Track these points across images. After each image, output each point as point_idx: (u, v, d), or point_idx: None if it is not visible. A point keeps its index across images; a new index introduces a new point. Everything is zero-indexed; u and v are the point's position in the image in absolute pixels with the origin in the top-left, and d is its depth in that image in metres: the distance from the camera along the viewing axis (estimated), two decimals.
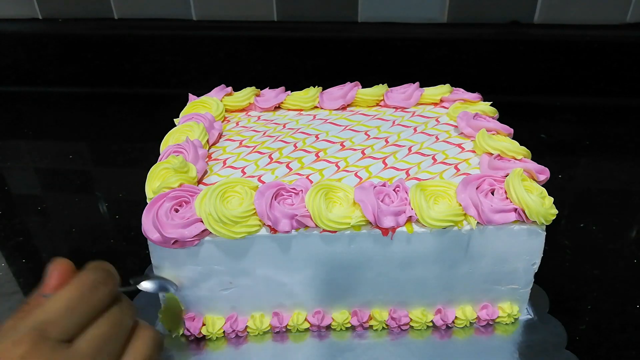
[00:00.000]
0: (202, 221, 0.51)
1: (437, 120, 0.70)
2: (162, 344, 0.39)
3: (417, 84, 0.75)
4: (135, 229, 0.63)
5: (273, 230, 0.52)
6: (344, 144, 0.65)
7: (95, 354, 0.34)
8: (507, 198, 0.53)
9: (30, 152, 1.04)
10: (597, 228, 0.77)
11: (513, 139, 0.63)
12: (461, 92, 0.74)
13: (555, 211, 0.52)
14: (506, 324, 0.60)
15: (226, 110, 0.73)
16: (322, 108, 0.74)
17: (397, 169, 0.59)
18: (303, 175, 0.59)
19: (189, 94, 0.75)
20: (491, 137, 0.61)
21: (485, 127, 0.63)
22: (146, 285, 0.50)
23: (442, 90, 0.74)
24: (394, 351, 0.57)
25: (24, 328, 0.32)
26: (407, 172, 0.59)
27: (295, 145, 0.65)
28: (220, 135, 0.67)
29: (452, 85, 0.75)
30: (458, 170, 0.59)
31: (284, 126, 0.70)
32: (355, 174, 0.59)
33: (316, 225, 0.52)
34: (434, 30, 1.10)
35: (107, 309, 0.36)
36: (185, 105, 0.72)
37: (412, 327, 0.60)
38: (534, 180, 0.56)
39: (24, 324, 0.32)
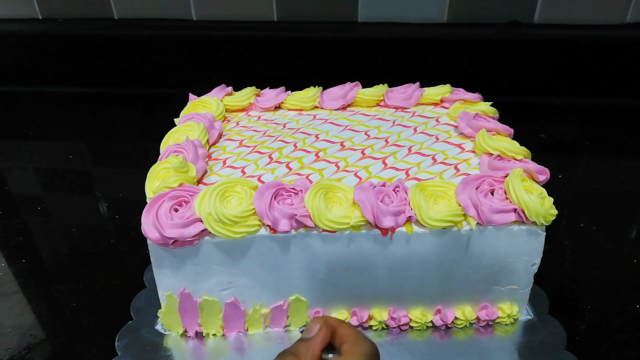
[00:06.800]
0: (201, 221, 0.51)
1: (437, 120, 0.70)
2: None
3: (418, 84, 0.75)
4: (135, 229, 0.63)
5: (272, 230, 0.52)
6: (344, 144, 0.65)
7: None
8: (506, 198, 0.53)
9: (30, 152, 1.04)
10: (597, 228, 0.77)
11: (513, 139, 0.63)
12: (461, 92, 0.74)
13: (555, 211, 0.52)
14: (506, 324, 0.60)
15: (226, 110, 0.73)
16: (322, 108, 0.74)
17: (397, 169, 0.59)
18: (303, 175, 0.59)
19: (189, 93, 0.75)
20: (491, 137, 0.61)
21: (485, 127, 0.63)
22: None
23: (442, 91, 0.74)
24: (394, 351, 0.57)
25: None
26: (406, 172, 0.59)
27: (295, 145, 0.65)
28: (220, 135, 0.67)
29: (452, 85, 0.75)
30: (458, 170, 0.59)
31: (284, 126, 0.70)
32: (355, 174, 0.59)
33: (316, 225, 0.52)
34: (434, 30, 1.10)
35: None
36: (185, 105, 0.72)
37: (411, 327, 0.60)
38: (534, 180, 0.56)
39: None
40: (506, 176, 0.55)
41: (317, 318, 0.39)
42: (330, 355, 0.37)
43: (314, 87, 0.76)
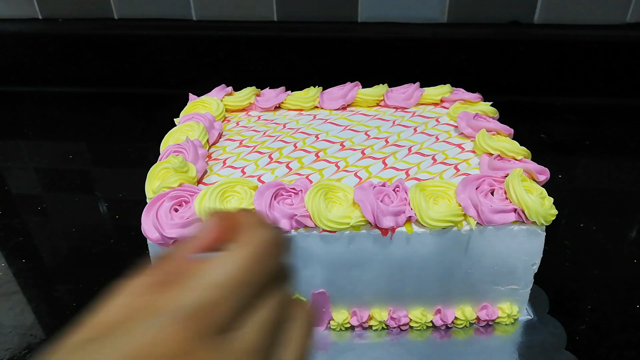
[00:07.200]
0: (201, 221, 0.51)
1: (437, 120, 0.70)
2: (315, 325, 0.28)
3: (418, 84, 0.75)
4: (135, 229, 0.63)
5: None
6: (344, 144, 0.65)
7: (260, 348, 0.23)
8: (506, 198, 0.53)
9: (30, 152, 1.04)
10: (597, 228, 0.77)
11: (513, 139, 0.63)
12: (461, 92, 0.74)
13: (555, 211, 0.52)
14: (506, 324, 0.60)
15: (226, 110, 0.73)
16: (322, 108, 0.74)
17: (397, 169, 0.59)
18: (303, 175, 0.59)
19: (189, 93, 0.75)
20: (491, 137, 0.61)
21: (485, 127, 0.63)
22: None
23: (442, 91, 0.74)
24: (394, 351, 0.57)
25: (170, 312, 0.21)
26: (406, 172, 0.59)
27: (295, 145, 0.65)
28: (220, 135, 0.67)
29: (452, 85, 0.75)
30: (458, 170, 0.59)
31: (284, 126, 0.70)
32: (355, 174, 0.59)
33: (316, 225, 0.52)
34: (434, 30, 1.10)
35: (275, 282, 0.25)
36: (185, 105, 0.72)
37: (411, 327, 0.60)
38: (534, 180, 0.56)
39: (169, 303, 0.22)
40: (506, 176, 0.55)
41: (215, 214, 0.28)
42: (213, 254, 0.25)
43: (314, 87, 0.76)
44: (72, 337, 0.22)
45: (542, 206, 0.51)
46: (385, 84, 0.76)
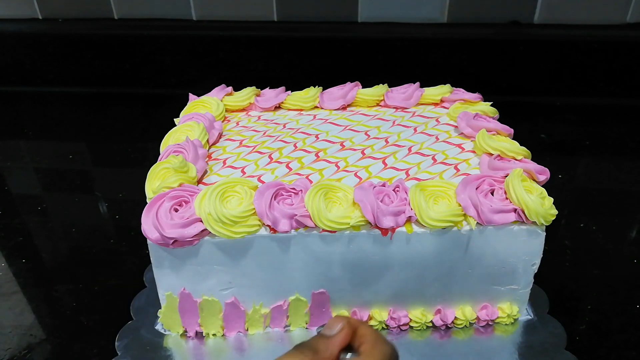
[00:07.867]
0: (201, 221, 0.51)
1: (437, 120, 0.70)
2: None
3: (418, 84, 0.75)
4: (135, 229, 0.64)
5: (272, 230, 0.52)
6: (344, 144, 0.65)
7: None
8: (506, 198, 0.53)
9: (30, 152, 1.04)
10: (597, 228, 0.77)
11: (513, 139, 0.63)
12: (461, 92, 0.74)
13: (555, 211, 0.52)
14: (506, 324, 0.60)
15: (226, 110, 0.73)
16: (322, 108, 0.74)
17: (397, 169, 0.59)
18: (303, 175, 0.59)
19: (189, 93, 0.75)
20: (491, 137, 0.61)
21: (485, 127, 0.63)
22: None
23: (442, 91, 0.74)
24: None
25: None
26: (406, 172, 0.59)
27: (295, 145, 0.65)
28: (220, 135, 0.67)
29: (452, 86, 0.75)
30: (458, 170, 0.59)
31: (284, 126, 0.70)
32: (355, 174, 0.59)
33: (316, 225, 0.52)
34: (434, 30, 1.10)
35: None
36: (185, 105, 0.72)
37: (411, 327, 0.60)
38: (534, 180, 0.56)
39: None
40: (506, 176, 0.55)
41: (340, 317, 0.39)
42: (349, 355, 0.36)
43: (314, 87, 0.76)
44: None
45: (542, 206, 0.51)
46: (385, 84, 0.76)
